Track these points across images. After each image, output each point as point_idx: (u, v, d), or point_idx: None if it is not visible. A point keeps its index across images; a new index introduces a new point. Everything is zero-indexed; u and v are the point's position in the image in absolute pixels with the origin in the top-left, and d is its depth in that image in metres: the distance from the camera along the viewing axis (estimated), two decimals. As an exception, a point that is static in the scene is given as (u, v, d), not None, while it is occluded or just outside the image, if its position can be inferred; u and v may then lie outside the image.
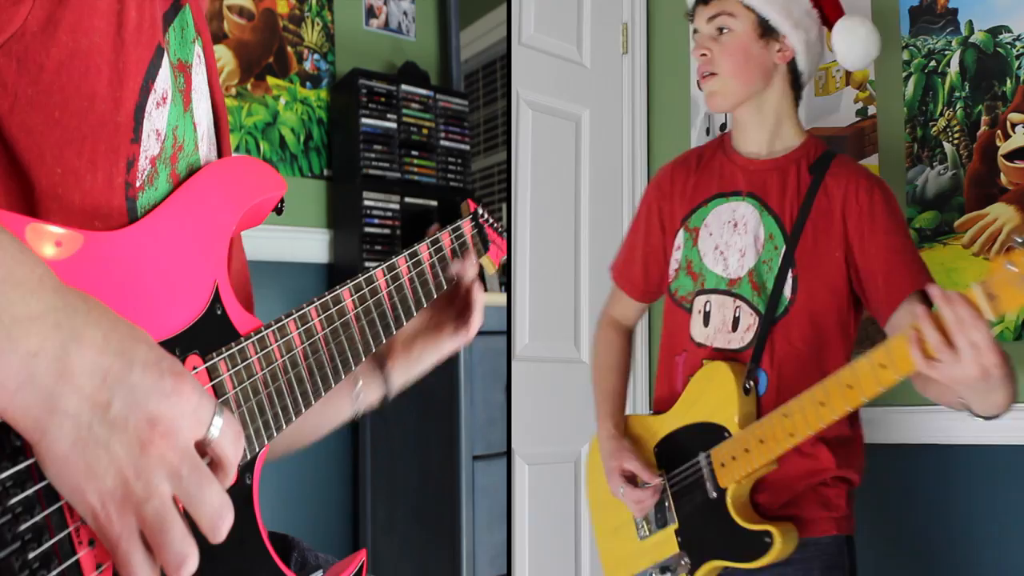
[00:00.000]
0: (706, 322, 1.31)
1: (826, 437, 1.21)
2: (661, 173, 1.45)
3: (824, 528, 1.25)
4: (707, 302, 1.31)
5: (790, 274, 1.25)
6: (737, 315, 1.28)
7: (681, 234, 1.37)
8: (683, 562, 1.27)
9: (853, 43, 1.36)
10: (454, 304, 1.02)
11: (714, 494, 1.24)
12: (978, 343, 0.92)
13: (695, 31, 1.35)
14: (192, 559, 0.52)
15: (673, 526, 1.30)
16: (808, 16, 1.33)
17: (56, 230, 0.57)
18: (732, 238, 1.30)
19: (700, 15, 1.34)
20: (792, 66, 1.33)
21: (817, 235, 1.25)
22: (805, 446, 1.18)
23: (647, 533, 1.34)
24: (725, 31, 1.31)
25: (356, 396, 0.95)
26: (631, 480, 1.31)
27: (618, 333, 1.50)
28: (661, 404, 1.37)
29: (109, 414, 0.49)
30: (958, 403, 1.08)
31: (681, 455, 1.30)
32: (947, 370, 0.95)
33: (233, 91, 2.48)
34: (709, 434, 1.25)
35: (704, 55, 1.31)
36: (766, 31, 1.30)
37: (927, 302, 1.12)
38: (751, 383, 1.23)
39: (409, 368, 0.99)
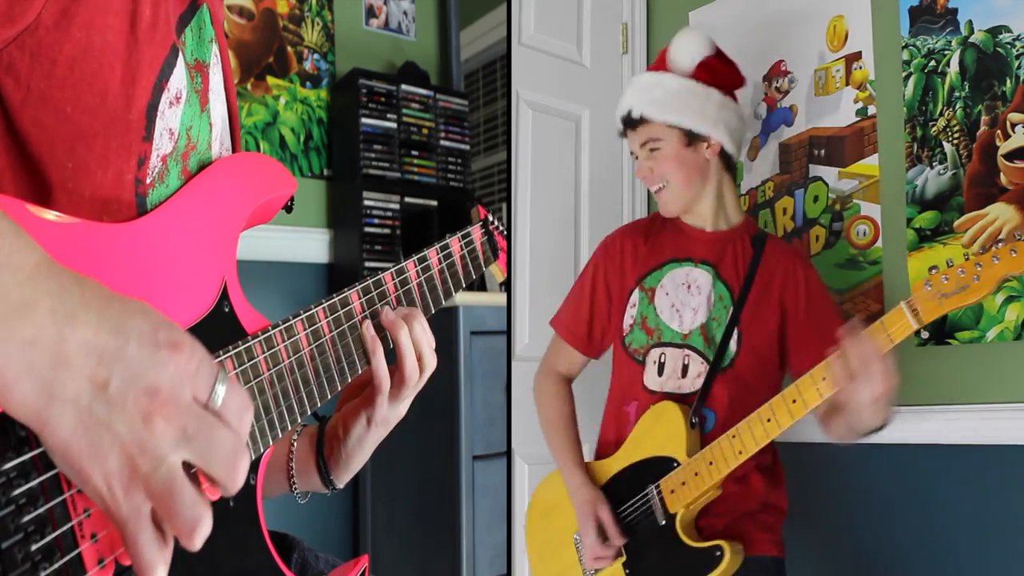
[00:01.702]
0: (660, 372, 1.45)
1: (756, 466, 1.40)
2: (610, 240, 1.59)
3: (766, 548, 1.40)
4: (662, 354, 1.45)
5: (736, 331, 1.42)
6: (686, 363, 1.43)
7: (636, 293, 1.50)
8: None
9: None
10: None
11: (663, 521, 1.35)
12: (881, 370, 1.14)
13: (632, 152, 1.54)
14: (206, 521, 0.50)
15: (620, 560, 1.39)
16: (722, 107, 1.48)
17: (63, 216, 0.57)
18: (687, 298, 1.46)
19: (631, 140, 1.53)
20: (722, 154, 1.50)
21: (758, 301, 1.44)
22: (739, 474, 1.34)
23: (593, 572, 1.42)
24: (656, 149, 1.48)
25: (292, 485, 0.92)
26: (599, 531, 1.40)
27: (563, 385, 1.59)
28: (606, 449, 1.49)
29: (108, 393, 0.49)
30: (846, 434, 1.30)
31: (629, 490, 1.40)
32: (854, 393, 1.17)
33: (236, 92, 2.48)
34: (658, 467, 1.37)
35: (647, 176, 1.50)
36: (691, 139, 1.47)
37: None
38: (696, 419, 1.38)
39: (348, 462, 0.91)
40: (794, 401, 1.24)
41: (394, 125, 2.57)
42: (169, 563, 0.51)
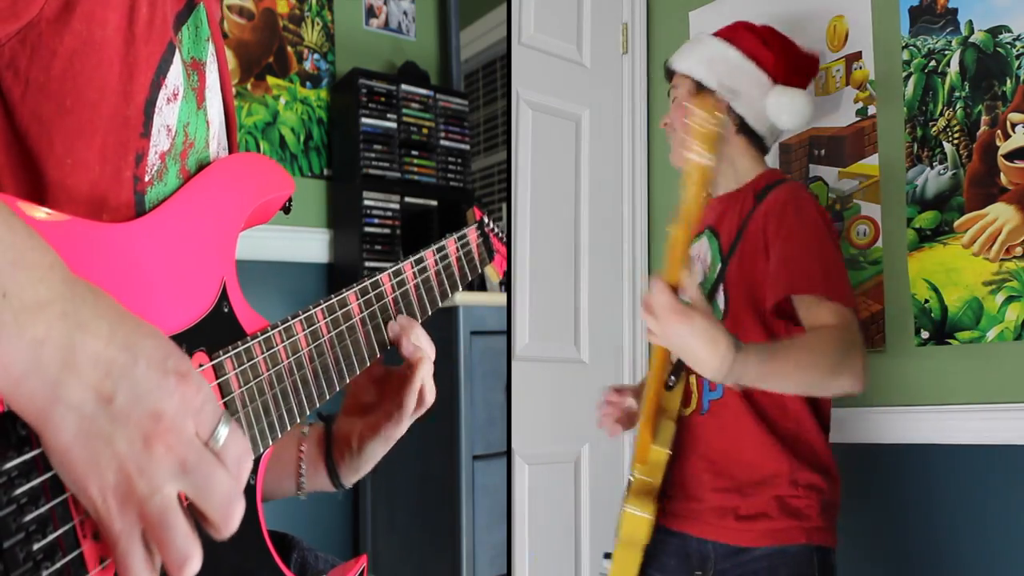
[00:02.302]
0: None
1: (786, 440, 1.28)
2: None
3: (792, 536, 1.26)
4: None
5: (721, 289, 1.36)
6: None
7: None
8: None
9: (783, 111, 1.48)
10: (390, 381, 0.91)
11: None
12: (656, 310, 1.06)
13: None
14: (195, 559, 0.51)
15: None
16: (737, 69, 1.47)
17: (54, 213, 0.57)
18: (696, 272, 1.42)
19: (678, 82, 1.53)
20: (735, 116, 1.46)
21: (744, 253, 1.35)
22: (768, 447, 1.26)
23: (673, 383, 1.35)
24: (674, 99, 1.51)
25: (300, 485, 0.93)
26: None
27: None
28: None
29: (112, 407, 0.49)
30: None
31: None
32: (656, 339, 1.10)
33: (233, 91, 2.48)
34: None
35: (665, 124, 1.52)
36: (699, 90, 1.47)
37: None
38: (673, 379, 1.31)
39: (360, 468, 0.92)
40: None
41: (394, 125, 2.57)
42: None
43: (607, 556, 1.36)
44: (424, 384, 0.87)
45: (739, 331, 1.26)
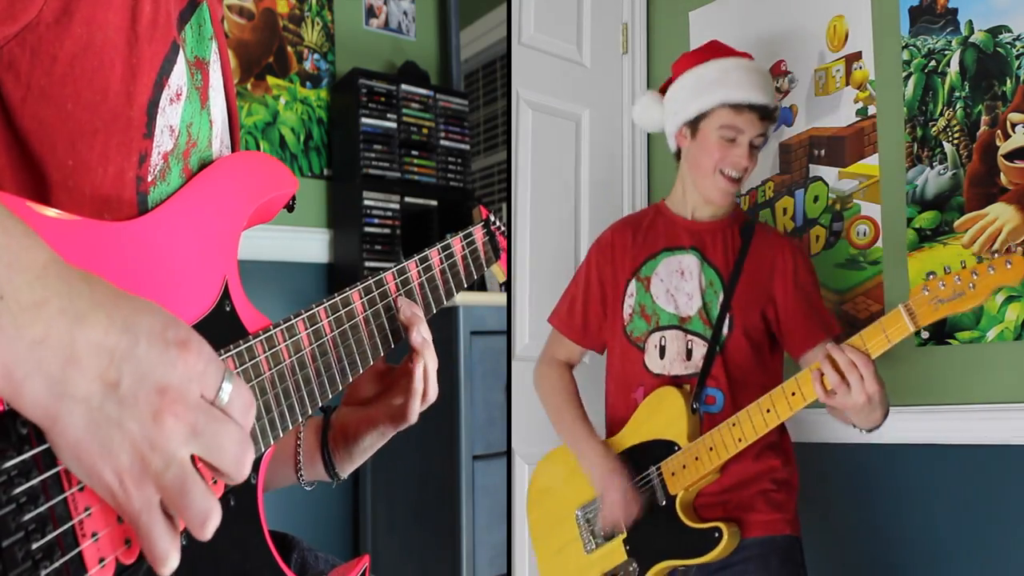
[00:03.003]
0: (662, 355, 1.49)
1: (767, 443, 1.43)
2: (601, 237, 1.65)
3: (779, 528, 1.42)
4: (662, 337, 1.49)
5: (728, 316, 1.47)
6: (690, 347, 1.47)
7: (633, 283, 1.55)
8: (631, 567, 1.40)
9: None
10: (392, 376, 0.93)
11: (663, 501, 1.39)
12: (864, 378, 1.20)
13: (732, 127, 1.47)
14: (216, 513, 0.52)
15: (621, 536, 1.42)
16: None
17: (59, 214, 0.57)
18: (680, 283, 1.51)
19: (754, 124, 1.48)
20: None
21: (747, 288, 1.48)
22: (745, 452, 1.36)
23: (594, 546, 1.46)
24: (758, 146, 1.50)
25: (299, 474, 0.93)
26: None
27: (565, 369, 1.64)
28: (614, 431, 1.52)
29: (119, 392, 0.49)
30: (846, 420, 1.35)
31: (634, 469, 1.43)
32: (841, 400, 1.23)
33: (235, 90, 2.48)
34: (659, 449, 1.42)
35: (745, 166, 1.49)
36: (762, 118, 1.50)
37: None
38: (697, 404, 1.42)
39: (355, 459, 0.93)
40: (793, 394, 1.30)
41: (394, 125, 2.57)
42: (180, 551, 0.52)
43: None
44: (428, 380, 0.87)
45: (738, 352, 1.46)
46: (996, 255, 1.15)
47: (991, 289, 1.16)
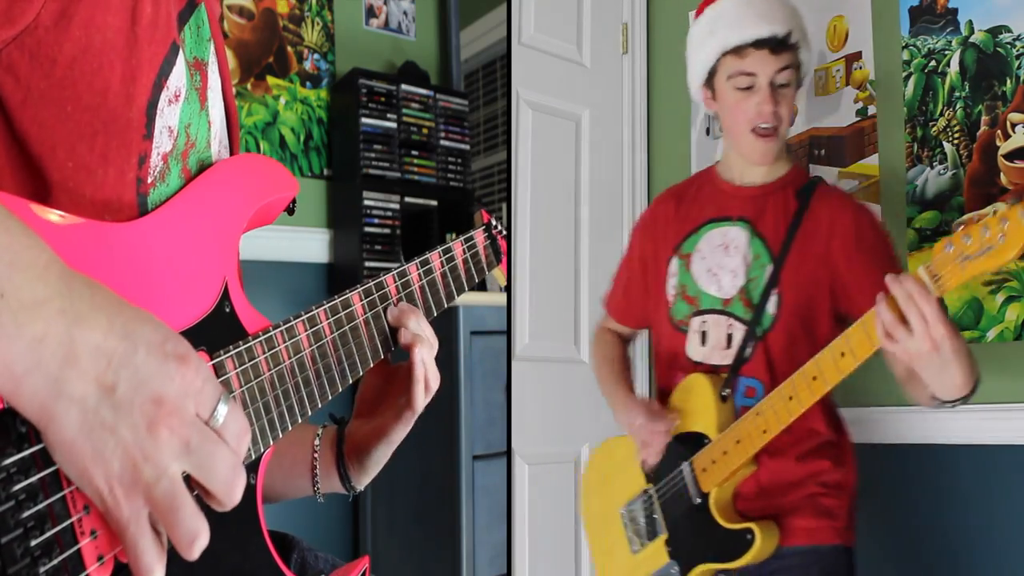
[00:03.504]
0: (703, 341, 1.35)
1: (816, 444, 1.29)
2: (647, 210, 1.52)
3: (824, 536, 1.27)
4: (703, 322, 1.35)
5: (774, 293, 1.29)
6: (730, 332, 1.32)
7: (675, 262, 1.40)
8: (672, 571, 1.31)
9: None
10: (397, 377, 0.92)
11: (698, 500, 1.28)
12: (926, 316, 0.98)
13: (742, 74, 1.30)
14: (204, 534, 0.52)
15: (663, 536, 1.34)
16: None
17: (60, 216, 0.58)
18: (723, 260, 1.34)
19: (765, 62, 1.29)
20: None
21: (802, 257, 1.29)
22: (794, 451, 1.26)
23: (639, 547, 1.38)
24: (786, 85, 1.30)
25: (316, 487, 0.93)
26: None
27: (613, 335, 1.56)
28: None
29: (115, 397, 0.49)
30: (929, 398, 1.13)
31: (666, 466, 1.34)
32: (903, 345, 1.01)
33: (233, 91, 2.48)
34: (691, 443, 1.30)
35: (768, 113, 1.29)
36: (799, 78, 1.33)
37: None
38: (728, 391, 1.28)
39: (369, 471, 0.92)
40: (814, 378, 1.12)
41: (394, 125, 2.57)
42: (165, 564, 0.52)
43: None
44: (427, 368, 0.86)
45: (788, 337, 1.27)
46: None
47: None
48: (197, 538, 0.51)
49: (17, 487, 0.50)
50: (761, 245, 1.32)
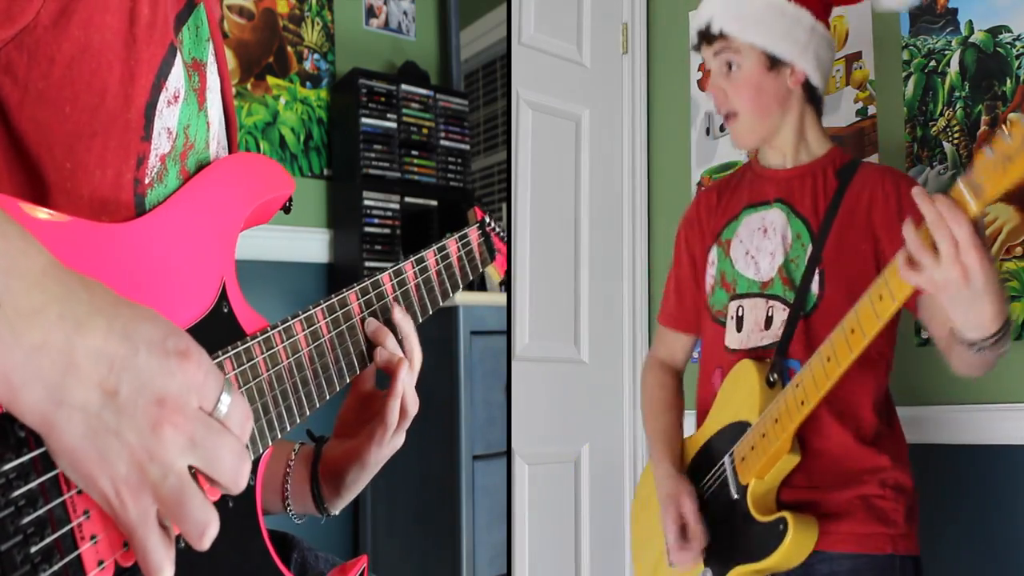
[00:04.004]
0: (739, 327, 1.30)
1: (867, 438, 1.20)
2: (690, 206, 1.48)
3: (878, 545, 1.16)
4: (739, 307, 1.31)
5: (817, 270, 1.24)
6: (770, 314, 1.27)
7: (715, 250, 1.38)
8: None
9: None
10: (375, 401, 0.89)
11: (736, 495, 1.19)
12: (958, 238, 0.87)
13: (705, 71, 1.37)
14: (214, 524, 0.52)
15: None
16: (813, 33, 1.30)
17: (59, 216, 0.57)
18: (762, 243, 1.31)
19: (706, 54, 1.34)
20: (806, 84, 1.32)
21: (843, 232, 1.24)
22: (840, 444, 1.17)
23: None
24: (734, 67, 1.31)
25: (286, 503, 0.92)
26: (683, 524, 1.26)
27: (666, 372, 1.48)
28: (701, 422, 1.36)
29: (117, 400, 0.49)
30: (950, 342, 1.03)
31: (708, 464, 1.27)
32: (928, 275, 0.90)
33: (233, 91, 2.48)
34: (735, 433, 1.22)
35: (719, 99, 1.33)
36: (774, 63, 1.30)
37: None
38: (775, 376, 1.20)
39: (343, 495, 0.90)
40: (852, 331, 1.02)
41: (394, 125, 2.57)
42: (174, 563, 0.52)
43: None
44: (405, 393, 0.85)
45: (832, 316, 1.15)
46: None
47: None
48: (208, 528, 0.51)
49: (16, 493, 0.49)
50: (801, 224, 1.28)
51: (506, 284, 2.00)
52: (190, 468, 0.51)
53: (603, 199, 2.13)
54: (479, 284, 2.44)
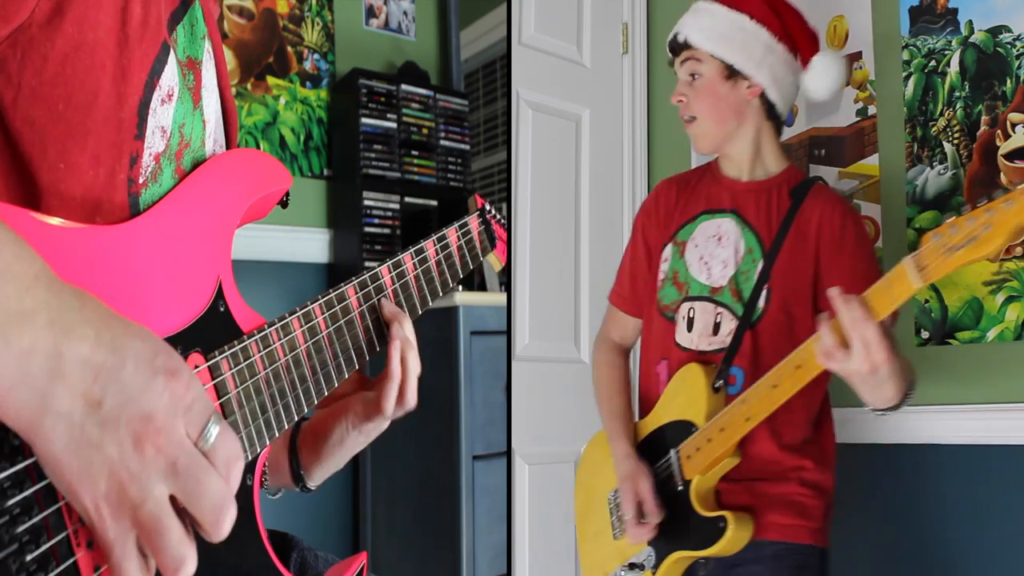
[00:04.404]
0: (690, 327, 1.39)
1: (794, 446, 1.33)
2: (649, 197, 1.56)
3: (798, 535, 1.31)
4: (691, 308, 1.40)
5: (765, 287, 1.34)
6: (718, 320, 1.37)
7: (669, 248, 1.45)
8: (648, 558, 1.33)
9: (824, 80, 1.47)
10: (367, 384, 0.90)
11: (680, 487, 1.31)
12: (868, 341, 1.01)
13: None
14: (190, 561, 0.51)
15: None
16: (770, 50, 1.40)
17: (55, 220, 0.57)
18: (716, 250, 1.40)
19: (677, 66, 1.46)
20: (764, 99, 1.41)
21: (792, 254, 1.34)
22: (779, 441, 1.30)
23: (621, 533, 1.39)
24: (696, 76, 1.42)
25: (264, 483, 0.91)
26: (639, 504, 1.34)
27: (617, 354, 1.56)
28: (645, 408, 1.45)
29: (101, 412, 0.48)
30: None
31: (655, 454, 1.37)
32: (842, 365, 1.05)
33: (233, 91, 2.48)
34: (680, 431, 1.33)
35: (681, 100, 1.43)
36: (732, 73, 1.40)
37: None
38: (720, 382, 1.31)
39: (324, 461, 0.90)
40: (798, 367, 1.15)
41: (394, 125, 2.57)
42: None
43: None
44: (407, 371, 0.85)
45: (773, 331, 1.33)
46: (1018, 187, 0.92)
47: (1011, 229, 0.92)
48: (183, 565, 0.50)
49: (11, 501, 0.49)
50: (754, 239, 1.38)
51: (506, 284, 2.00)
52: (172, 499, 0.51)
53: (603, 199, 2.13)
54: (480, 284, 2.45)
